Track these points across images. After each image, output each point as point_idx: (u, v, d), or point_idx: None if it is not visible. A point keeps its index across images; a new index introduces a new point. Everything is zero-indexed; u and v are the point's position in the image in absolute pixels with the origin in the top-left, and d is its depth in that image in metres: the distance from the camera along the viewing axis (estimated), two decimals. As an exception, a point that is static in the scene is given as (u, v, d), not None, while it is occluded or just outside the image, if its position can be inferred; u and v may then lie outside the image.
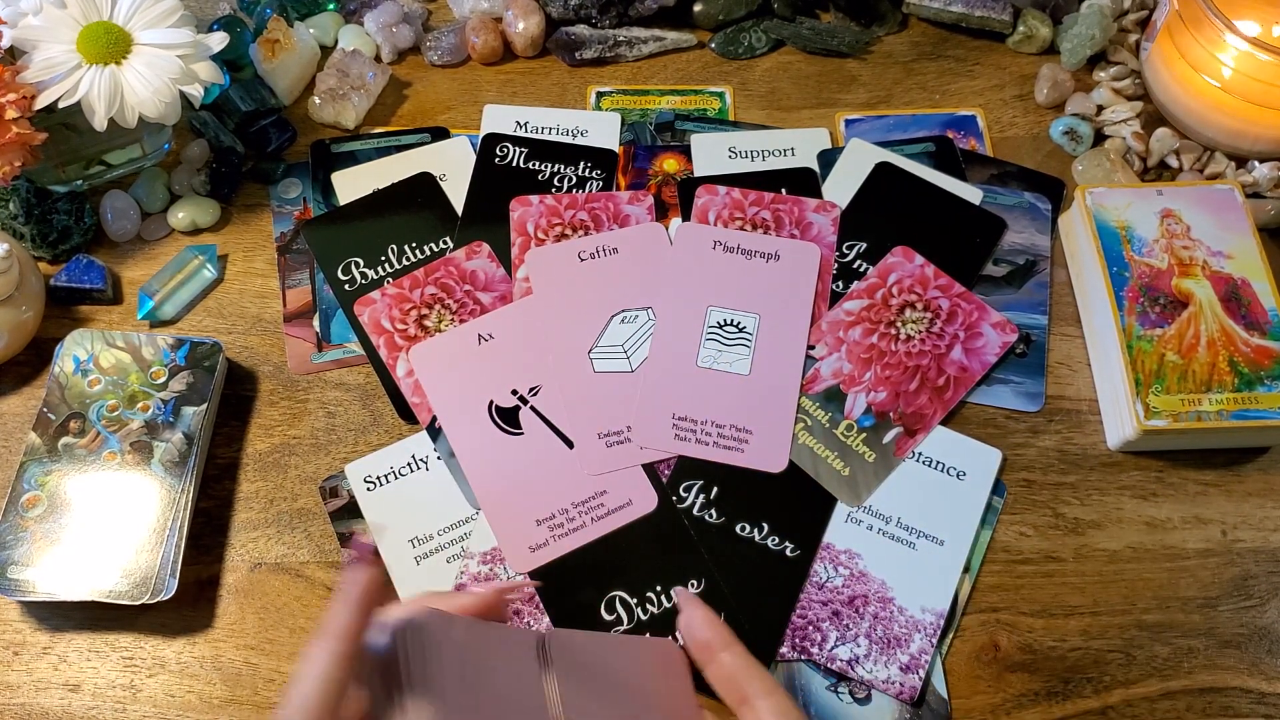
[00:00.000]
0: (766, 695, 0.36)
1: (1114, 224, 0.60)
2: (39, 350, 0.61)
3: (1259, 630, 0.53)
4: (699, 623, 0.38)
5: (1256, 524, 0.56)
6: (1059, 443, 0.58)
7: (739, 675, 0.36)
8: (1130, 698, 0.51)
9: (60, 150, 0.63)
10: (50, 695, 0.51)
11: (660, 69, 0.73)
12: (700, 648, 0.38)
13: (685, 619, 0.39)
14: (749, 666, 0.37)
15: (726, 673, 0.37)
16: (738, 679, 0.36)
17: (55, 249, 0.64)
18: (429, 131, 0.69)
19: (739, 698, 0.36)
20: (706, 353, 0.59)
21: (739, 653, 0.37)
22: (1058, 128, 0.69)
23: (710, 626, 0.38)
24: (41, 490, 0.53)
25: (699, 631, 0.38)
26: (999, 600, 0.53)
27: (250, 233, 0.66)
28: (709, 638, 0.38)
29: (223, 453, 0.58)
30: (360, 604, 0.28)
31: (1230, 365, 0.56)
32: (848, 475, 0.56)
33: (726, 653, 0.37)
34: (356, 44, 0.72)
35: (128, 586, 0.51)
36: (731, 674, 0.37)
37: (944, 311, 0.60)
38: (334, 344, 0.61)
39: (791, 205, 0.64)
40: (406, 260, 0.63)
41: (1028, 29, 0.73)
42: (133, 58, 0.60)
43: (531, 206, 0.64)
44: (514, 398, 0.58)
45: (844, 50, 0.73)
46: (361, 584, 0.29)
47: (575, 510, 0.55)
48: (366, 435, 0.58)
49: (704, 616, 0.39)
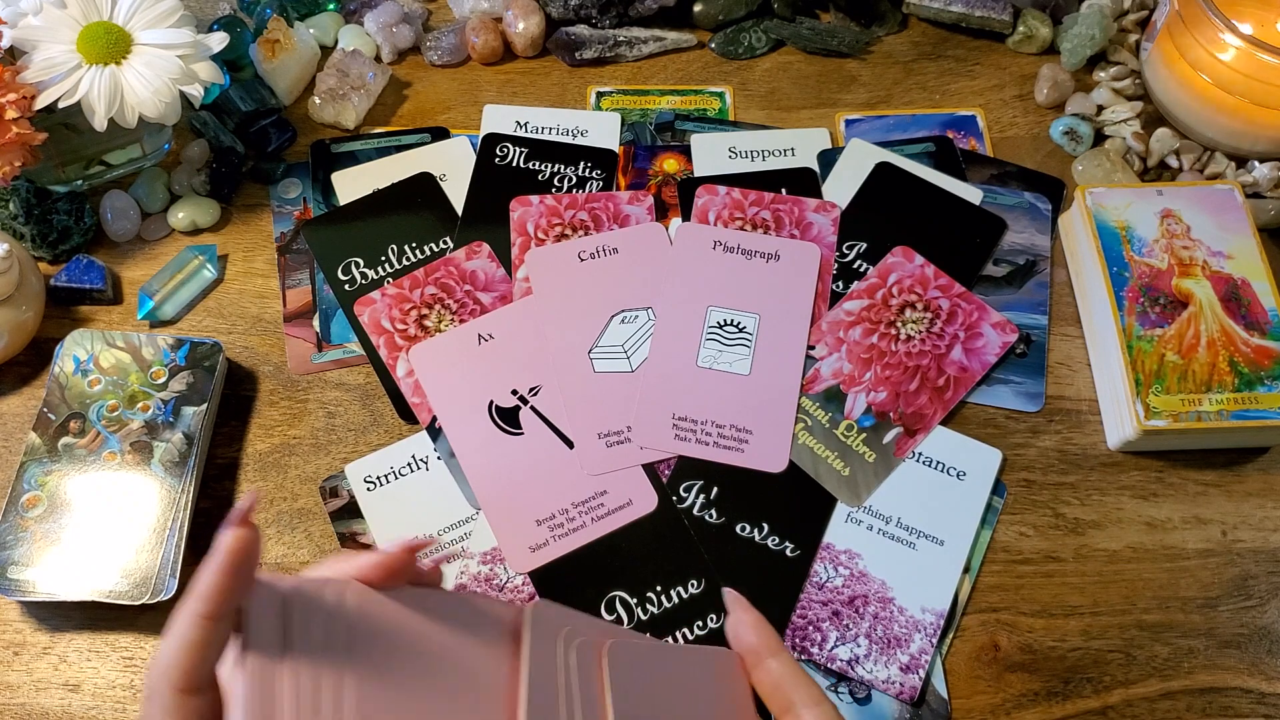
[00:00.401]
0: (813, 705, 0.35)
1: (1114, 224, 0.60)
2: (39, 350, 0.61)
3: (1259, 630, 0.53)
4: (747, 627, 0.37)
5: (1256, 524, 0.56)
6: (1059, 443, 0.58)
7: (785, 683, 0.36)
8: (1130, 698, 0.51)
9: (60, 150, 0.63)
10: (50, 695, 0.51)
11: (660, 69, 0.73)
12: (747, 652, 0.37)
13: (733, 622, 0.38)
14: (796, 675, 0.36)
15: (773, 679, 0.36)
16: (784, 687, 0.36)
17: (55, 249, 0.64)
18: (429, 131, 0.69)
19: (784, 705, 0.35)
20: (706, 353, 0.59)
21: (786, 660, 0.36)
22: (1058, 128, 0.69)
23: (758, 631, 0.37)
24: (41, 490, 0.53)
25: (747, 636, 0.37)
26: (999, 600, 0.53)
27: (250, 233, 0.66)
28: (756, 643, 0.37)
29: (223, 453, 0.58)
30: (228, 566, 0.27)
31: (1230, 365, 0.56)
32: (848, 475, 0.56)
33: (774, 659, 0.36)
34: (356, 44, 0.72)
35: (128, 586, 0.51)
36: (778, 681, 0.36)
37: (944, 311, 0.60)
38: (334, 344, 0.61)
39: (791, 205, 0.64)
40: (406, 260, 0.63)
41: (1028, 29, 0.73)
42: (133, 58, 0.60)
43: (531, 206, 0.64)
44: (514, 398, 0.58)
45: (844, 50, 0.73)
46: (230, 546, 0.27)
47: (575, 510, 0.55)
48: (366, 435, 0.58)
49: (752, 620, 0.38)
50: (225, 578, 0.27)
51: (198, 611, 0.27)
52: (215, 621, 0.27)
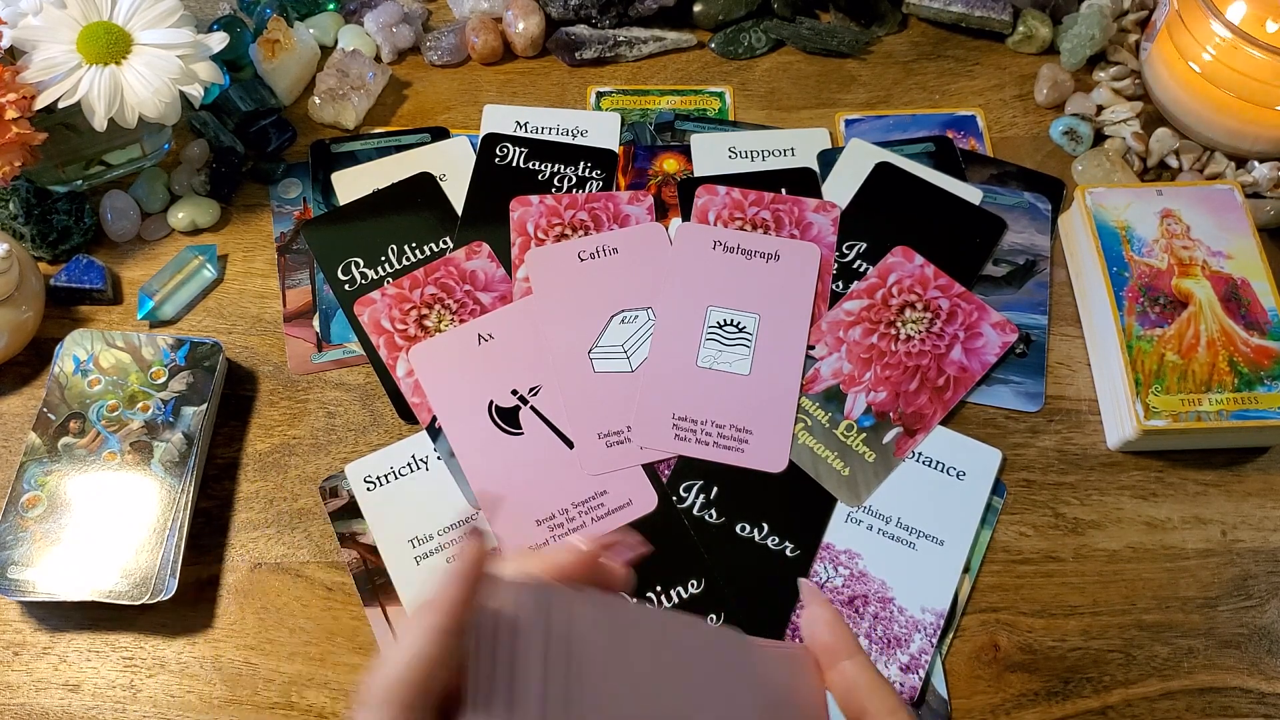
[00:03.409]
0: (889, 713, 0.32)
1: (1114, 224, 0.60)
2: (39, 350, 0.61)
3: (1259, 630, 0.53)
4: (823, 624, 0.34)
5: (1256, 524, 0.56)
6: (1059, 443, 0.58)
7: (861, 688, 0.33)
8: (1130, 698, 0.51)
9: (60, 150, 0.63)
10: (50, 695, 0.51)
11: (660, 69, 0.73)
12: (821, 651, 0.34)
13: (808, 617, 0.35)
14: (872, 679, 0.33)
15: (848, 682, 0.33)
16: (858, 692, 0.33)
17: (55, 249, 0.64)
18: (429, 131, 0.69)
19: (857, 711, 0.33)
20: (706, 353, 0.59)
21: (862, 663, 0.34)
22: (1057, 128, 0.69)
23: (835, 629, 0.34)
24: (41, 490, 0.53)
25: (822, 634, 0.34)
26: (999, 600, 0.53)
27: (250, 233, 0.66)
28: (832, 641, 0.34)
29: (223, 453, 0.58)
30: (467, 577, 0.26)
31: (1230, 365, 0.56)
32: (848, 475, 0.56)
33: (850, 661, 0.34)
34: (356, 44, 0.72)
35: (128, 586, 0.51)
36: (853, 685, 0.33)
37: (944, 311, 0.60)
38: (334, 344, 0.61)
39: (791, 205, 0.64)
40: (406, 260, 0.63)
41: (1027, 29, 0.73)
42: (133, 58, 0.60)
43: (531, 206, 0.64)
44: (514, 398, 0.58)
45: (844, 50, 0.73)
46: (471, 557, 0.26)
47: (575, 510, 0.55)
48: (366, 435, 0.58)
49: (829, 617, 0.35)
50: (467, 590, 0.26)
51: (437, 625, 0.25)
52: (451, 636, 0.25)
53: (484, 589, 0.26)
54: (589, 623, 0.28)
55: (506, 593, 0.27)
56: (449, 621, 0.25)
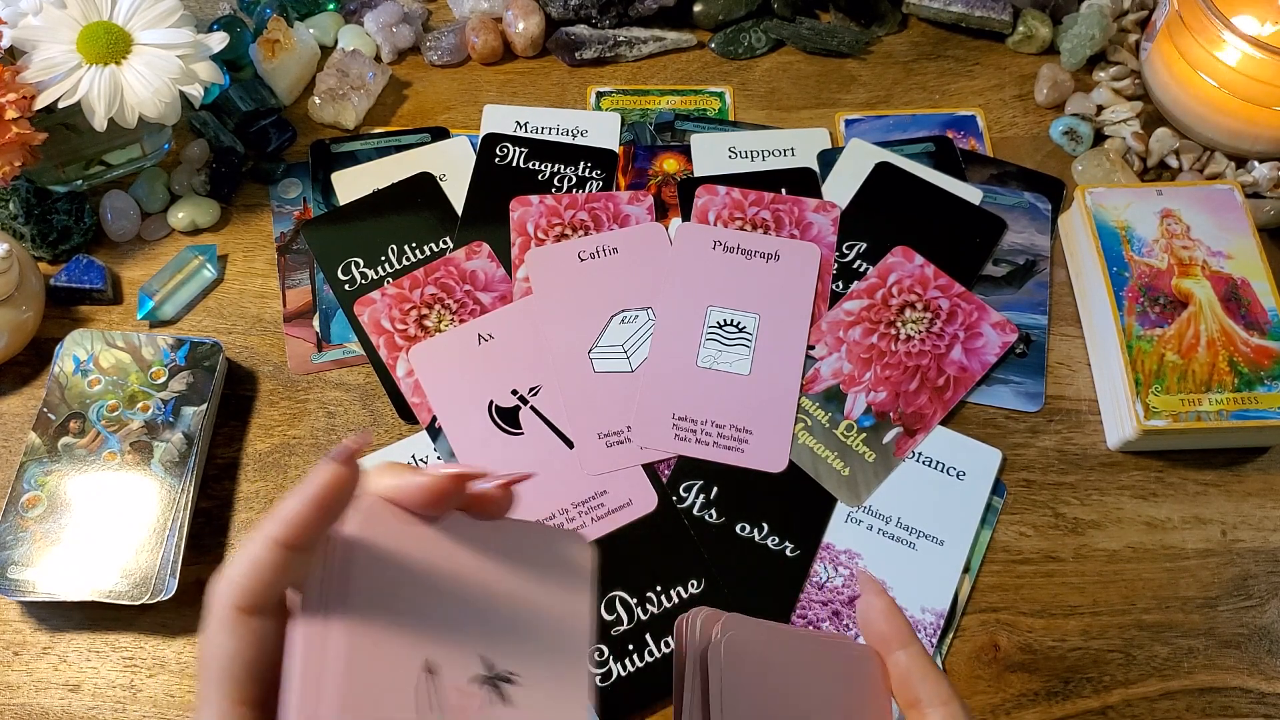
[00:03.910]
0: (942, 704, 0.33)
1: (1114, 224, 0.60)
2: (39, 350, 0.61)
3: (1259, 630, 0.53)
4: (878, 612, 0.34)
5: (1256, 524, 0.56)
6: (1059, 443, 0.58)
7: (914, 677, 0.33)
8: (1130, 698, 0.51)
9: (60, 150, 0.63)
10: (50, 695, 0.51)
11: (660, 69, 0.73)
12: (876, 640, 0.35)
13: (864, 607, 0.35)
14: (926, 668, 0.34)
15: (900, 672, 0.34)
16: (912, 681, 0.33)
17: (55, 249, 0.64)
18: (429, 131, 0.69)
19: (910, 700, 0.33)
20: (706, 353, 0.59)
21: (916, 653, 0.34)
22: (1057, 128, 0.69)
23: (890, 619, 0.34)
24: (41, 490, 0.53)
25: (877, 623, 0.34)
26: (999, 600, 0.53)
27: (250, 233, 0.66)
28: (886, 631, 0.34)
29: (223, 453, 0.58)
30: (315, 498, 0.26)
31: (1230, 365, 0.56)
32: (848, 475, 0.56)
33: (904, 651, 0.34)
34: (356, 44, 0.72)
35: (128, 586, 0.51)
36: (906, 674, 0.34)
37: (944, 311, 0.60)
38: (334, 344, 0.61)
39: (791, 205, 0.64)
40: (406, 260, 0.63)
41: (1027, 29, 0.73)
42: (133, 58, 0.60)
43: (531, 206, 0.64)
44: (514, 398, 0.58)
45: (844, 50, 0.73)
46: (324, 479, 0.26)
47: (575, 510, 0.55)
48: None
49: (884, 607, 0.35)
50: (309, 508, 0.26)
51: (271, 535, 0.26)
52: (289, 550, 0.26)
53: (333, 514, 0.26)
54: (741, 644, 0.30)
55: (357, 521, 0.27)
56: (285, 534, 0.26)
